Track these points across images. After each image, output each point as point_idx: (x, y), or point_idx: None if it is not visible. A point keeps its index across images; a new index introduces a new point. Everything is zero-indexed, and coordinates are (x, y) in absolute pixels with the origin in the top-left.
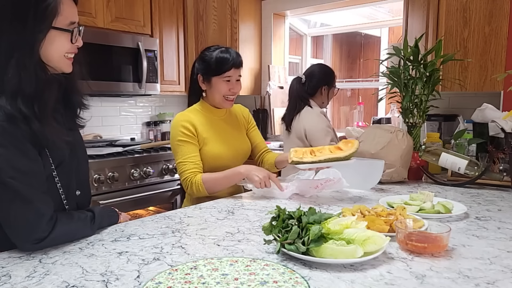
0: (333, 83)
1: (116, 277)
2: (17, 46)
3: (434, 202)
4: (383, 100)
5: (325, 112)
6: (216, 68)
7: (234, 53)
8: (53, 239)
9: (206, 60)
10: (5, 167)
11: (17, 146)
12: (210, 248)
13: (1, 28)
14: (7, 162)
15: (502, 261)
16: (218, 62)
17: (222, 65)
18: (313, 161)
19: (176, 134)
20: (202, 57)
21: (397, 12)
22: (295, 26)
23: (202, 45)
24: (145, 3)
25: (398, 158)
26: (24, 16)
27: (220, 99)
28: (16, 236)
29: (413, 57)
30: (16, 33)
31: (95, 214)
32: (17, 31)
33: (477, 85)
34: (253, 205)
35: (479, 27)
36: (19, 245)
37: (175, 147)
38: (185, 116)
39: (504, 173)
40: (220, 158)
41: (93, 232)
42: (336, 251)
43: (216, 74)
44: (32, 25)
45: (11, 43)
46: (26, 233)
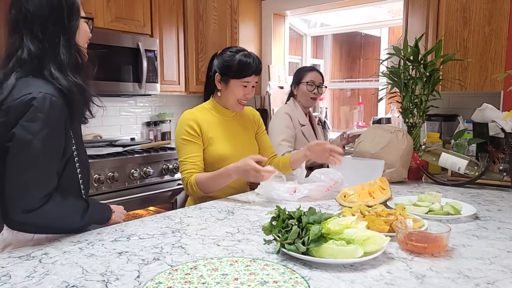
0: (300, 79)
1: (116, 277)
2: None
3: (442, 203)
4: (383, 100)
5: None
6: (237, 71)
7: (256, 59)
8: (42, 213)
9: (228, 61)
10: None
11: (57, 122)
12: (210, 248)
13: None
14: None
15: (502, 261)
16: (240, 66)
17: (243, 70)
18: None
19: (180, 132)
20: (224, 57)
21: (397, 12)
22: (295, 26)
23: (202, 45)
24: (145, 3)
25: (398, 158)
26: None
27: (234, 102)
28: (10, 200)
29: (413, 57)
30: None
31: (89, 205)
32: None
33: (477, 85)
34: (253, 205)
35: (479, 27)
36: (10, 210)
37: (179, 145)
38: (192, 114)
39: (504, 173)
40: (225, 158)
41: (82, 222)
42: (336, 251)
43: (235, 77)
44: (69, 16)
45: (57, 31)
46: (20, 199)
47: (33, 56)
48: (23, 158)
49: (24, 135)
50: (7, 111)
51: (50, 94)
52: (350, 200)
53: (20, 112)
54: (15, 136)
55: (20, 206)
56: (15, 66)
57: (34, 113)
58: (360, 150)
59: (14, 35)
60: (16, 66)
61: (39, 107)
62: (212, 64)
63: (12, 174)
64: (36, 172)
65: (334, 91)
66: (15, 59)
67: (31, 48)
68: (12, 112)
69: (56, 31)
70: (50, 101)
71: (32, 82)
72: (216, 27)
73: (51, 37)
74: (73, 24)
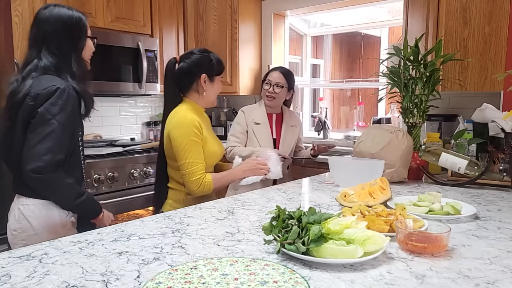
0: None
1: (116, 277)
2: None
3: (442, 203)
4: (383, 100)
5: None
6: (218, 68)
7: None
8: (46, 179)
9: (210, 61)
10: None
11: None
12: (210, 248)
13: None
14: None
15: (502, 261)
16: (219, 62)
17: (221, 65)
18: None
19: (189, 133)
20: (205, 58)
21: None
22: (295, 26)
23: (202, 45)
24: (145, 3)
25: (398, 158)
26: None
27: (215, 98)
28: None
29: (413, 57)
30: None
31: (85, 193)
32: (71, 42)
33: (477, 85)
34: (253, 205)
35: (479, 27)
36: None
37: (187, 146)
38: (193, 115)
39: (504, 173)
40: (215, 156)
41: (74, 203)
42: (336, 251)
43: (218, 74)
44: (78, 36)
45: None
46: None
47: (50, 65)
48: (42, 131)
49: (45, 115)
50: (35, 97)
51: (68, 87)
52: (350, 200)
53: (46, 98)
54: (38, 113)
55: (32, 167)
56: (32, 70)
57: (55, 100)
58: (360, 150)
59: (32, 49)
60: (33, 70)
61: (60, 95)
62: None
63: (30, 142)
64: (50, 143)
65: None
66: (32, 65)
67: (47, 60)
68: (40, 98)
69: (69, 49)
70: (68, 92)
71: (53, 78)
72: (216, 27)
73: (65, 54)
74: (82, 43)
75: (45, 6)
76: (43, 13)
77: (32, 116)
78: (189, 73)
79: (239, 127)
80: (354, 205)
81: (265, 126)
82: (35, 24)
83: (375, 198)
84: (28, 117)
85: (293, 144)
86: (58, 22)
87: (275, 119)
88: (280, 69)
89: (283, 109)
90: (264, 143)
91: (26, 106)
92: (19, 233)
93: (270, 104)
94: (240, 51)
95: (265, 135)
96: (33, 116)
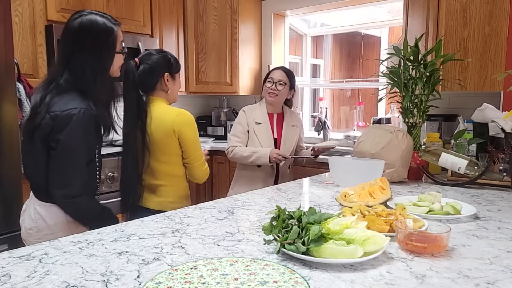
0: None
1: (116, 277)
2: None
3: (442, 203)
4: (383, 100)
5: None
6: (176, 66)
7: None
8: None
9: (169, 60)
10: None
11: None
12: (210, 248)
13: (87, 57)
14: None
15: (502, 261)
16: (176, 61)
17: (178, 63)
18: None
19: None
20: (164, 57)
21: (397, 12)
22: (295, 26)
23: (202, 45)
24: (145, 3)
25: (398, 158)
26: (100, 48)
27: (177, 94)
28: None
29: (413, 57)
30: (97, 60)
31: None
32: (97, 59)
33: (477, 85)
34: (253, 205)
35: (479, 27)
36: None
37: (197, 140)
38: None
39: (504, 173)
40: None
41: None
42: (336, 251)
43: (177, 71)
44: (106, 53)
45: (94, 68)
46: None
47: (72, 85)
48: (67, 160)
49: (68, 144)
50: (54, 118)
51: (87, 109)
52: (350, 200)
53: (65, 122)
54: (61, 142)
55: (61, 192)
56: (53, 89)
57: (75, 126)
58: (360, 150)
59: (59, 65)
60: (54, 88)
61: (79, 121)
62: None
63: (56, 166)
64: (76, 170)
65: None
66: (55, 83)
67: (70, 79)
68: (59, 121)
69: (94, 70)
70: (88, 115)
71: (73, 97)
72: (216, 27)
73: (89, 76)
74: (109, 62)
75: (77, 15)
76: (72, 25)
77: (51, 137)
78: (152, 73)
79: (240, 127)
80: (354, 205)
81: (266, 125)
82: (64, 36)
83: (375, 198)
84: (47, 137)
85: (294, 143)
86: (86, 36)
87: (276, 119)
88: (282, 68)
89: (284, 109)
90: (265, 143)
91: (45, 125)
92: (35, 232)
93: (272, 101)
94: (240, 51)
95: (266, 134)
96: (52, 138)
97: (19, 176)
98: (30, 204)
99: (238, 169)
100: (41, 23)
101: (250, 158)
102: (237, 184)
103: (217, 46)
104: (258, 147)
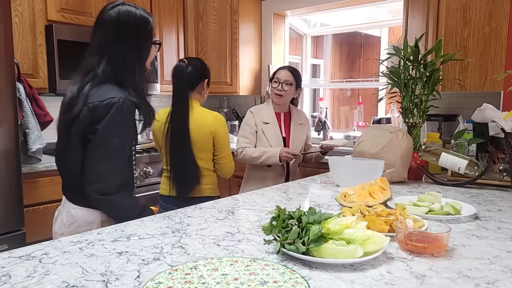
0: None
1: (116, 277)
2: (137, 59)
3: (442, 203)
4: (383, 100)
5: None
6: (210, 76)
7: None
8: (112, 200)
9: (208, 69)
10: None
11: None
12: (210, 248)
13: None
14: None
15: (502, 261)
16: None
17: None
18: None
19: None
20: (206, 66)
21: (397, 12)
22: (295, 26)
23: (202, 45)
24: (145, 3)
25: (398, 158)
26: (138, 39)
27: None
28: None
29: (413, 57)
30: (136, 51)
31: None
32: (136, 52)
33: (477, 85)
34: (253, 205)
35: (479, 27)
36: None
37: (228, 140)
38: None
39: (504, 173)
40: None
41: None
42: (336, 251)
43: (210, 80)
44: (144, 44)
45: (133, 58)
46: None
47: (110, 75)
48: (103, 151)
49: (106, 133)
50: (93, 109)
51: (127, 98)
52: (350, 200)
53: (104, 112)
54: (99, 131)
55: (96, 189)
56: (90, 79)
57: (114, 115)
58: (360, 150)
59: (95, 55)
60: (91, 79)
61: (119, 110)
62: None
63: (92, 161)
64: (112, 163)
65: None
66: (92, 74)
67: (109, 69)
68: (98, 111)
69: (133, 59)
70: (127, 105)
71: (111, 87)
72: (216, 27)
73: (129, 65)
74: (147, 52)
75: (112, 5)
76: (109, 14)
77: (89, 130)
78: (198, 76)
79: (248, 127)
80: (354, 205)
81: (274, 125)
82: (100, 26)
83: (375, 198)
84: (85, 130)
85: (302, 141)
86: (124, 26)
87: (283, 118)
88: (287, 68)
89: (290, 108)
90: (274, 142)
91: (83, 117)
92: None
93: (279, 101)
94: (240, 51)
95: (274, 134)
96: (90, 130)
97: (19, 176)
98: (63, 209)
99: (248, 169)
100: (41, 23)
101: (260, 159)
102: (248, 184)
103: (217, 46)
104: (267, 147)
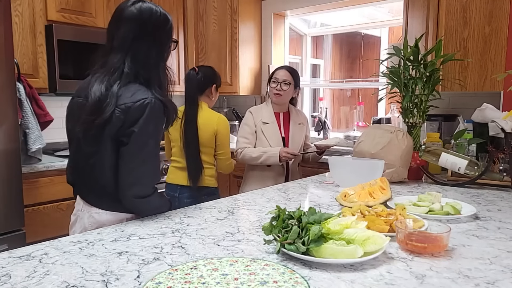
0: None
1: (116, 277)
2: (161, 56)
3: (442, 203)
4: (383, 100)
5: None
6: (219, 81)
7: None
8: (148, 201)
9: (218, 76)
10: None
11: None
12: (210, 248)
13: (150, 45)
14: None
15: (502, 261)
16: (219, 77)
17: (220, 78)
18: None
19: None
20: (215, 72)
21: (397, 12)
22: (295, 26)
23: (202, 45)
24: None
25: (398, 158)
26: (161, 36)
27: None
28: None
29: (413, 57)
30: (159, 50)
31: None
32: (159, 49)
33: (477, 85)
34: (253, 205)
35: (479, 27)
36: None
37: (229, 139)
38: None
39: (504, 173)
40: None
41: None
42: (336, 251)
43: (219, 85)
44: (166, 41)
45: (157, 55)
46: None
47: (137, 74)
48: (142, 155)
49: (142, 136)
50: (126, 111)
51: (157, 98)
52: (350, 200)
53: (138, 114)
54: (135, 134)
55: (135, 192)
56: (117, 78)
57: (149, 117)
58: (360, 150)
59: (118, 53)
60: (117, 78)
61: (152, 111)
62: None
63: (130, 165)
64: (149, 165)
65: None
66: (118, 72)
67: (135, 67)
68: (131, 113)
69: (157, 57)
70: (158, 105)
71: (139, 87)
72: (216, 27)
73: (154, 63)
74: (169, 50)
75: (132, 2)
76: (131, 11)
77: (122, 132)
78: (206, 81)
79: (247, 128)
80: (354, 205)
81: (273, 125)
82: (122, 23)
83: (375, 198)
84: (118, 132)
85: (302, 141)
86: (147, 24)
87: (282, 118)
88: (286, 67)
89: (289, 107)
90: (273, 142)
91: (116, 119)
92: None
93: (278, 101)
94: (240, 51)
95: (274, 134)
96: (124, 132)
97: (19, 176)
98: (83, 214)
99: (248, 169)
100: (41, 23)
101: (260, 159)
102: (248, 184)
103: (217, 46)
104: (267, 146)
